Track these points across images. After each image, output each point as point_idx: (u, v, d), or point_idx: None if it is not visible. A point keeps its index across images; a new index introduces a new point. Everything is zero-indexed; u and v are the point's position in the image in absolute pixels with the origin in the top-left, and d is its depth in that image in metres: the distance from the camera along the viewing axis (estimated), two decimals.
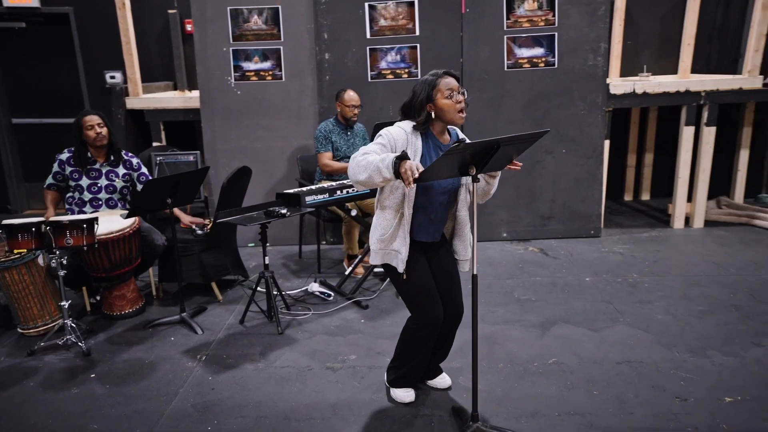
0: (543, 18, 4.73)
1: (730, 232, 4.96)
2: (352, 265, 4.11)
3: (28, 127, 6.22)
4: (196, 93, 5.20)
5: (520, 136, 2.15)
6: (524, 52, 4.76)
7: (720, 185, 5.80)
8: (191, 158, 4.81)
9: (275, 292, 3.55)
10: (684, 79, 5.07)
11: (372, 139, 4.44)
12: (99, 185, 3.77)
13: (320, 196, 3.61)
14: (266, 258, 3.49)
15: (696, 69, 5.62)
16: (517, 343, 3.17)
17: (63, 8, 5.78)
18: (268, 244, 3.42)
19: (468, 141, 2.27)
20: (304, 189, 3.74)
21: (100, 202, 3.80)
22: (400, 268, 2.45)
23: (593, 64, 4.75)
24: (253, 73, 4.85)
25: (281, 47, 4.80)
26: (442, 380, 2.80)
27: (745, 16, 5.75)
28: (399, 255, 2.44)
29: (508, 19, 4.72)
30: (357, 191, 3.75)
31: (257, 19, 4.75)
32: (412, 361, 2.62)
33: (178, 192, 3.40)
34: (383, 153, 2.30)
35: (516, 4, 4.71)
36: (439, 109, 2.35)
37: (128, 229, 3.51)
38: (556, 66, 4.75)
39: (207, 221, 3.96)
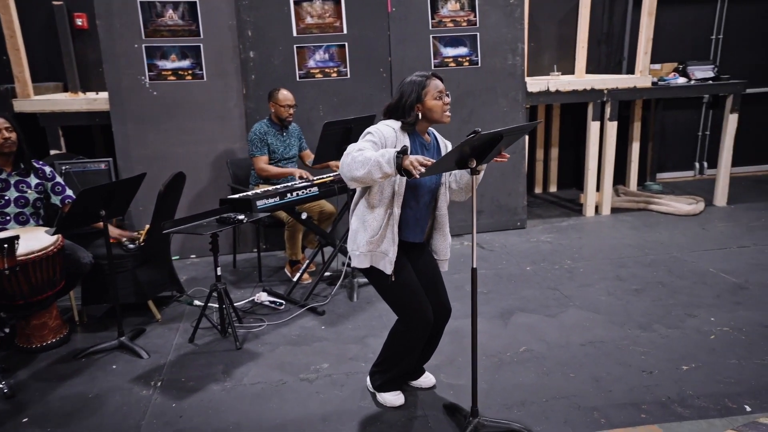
0: (465, 18, 4.87)
1: (634, 218, 5.46)
2: (300, 271, 3.95)
3: None
4: (102, 95, 4.70)
5: (519, 127, 2.25)
6: (449, 51, 4.88)
7: (615, 175, 6.37)
8: (103, 166, 4.34)
9: (225, 306, 3.31)
10: (588, 78, 5.50)
11: (306, 139, 4.36)
12: (7, 198, 3.27)
13: (271, 200, 3.42)
14: (218, 269, 3.23)
15: (589, 70, 6.12)
16: (484, 336, 3.23)
17: None
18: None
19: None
20: (250, 193, 3.53)
21: (8, 218, 3.29)
22: (388, 270, 2.39)
23: (513, 63, 4.99)
24: (170, 72, 4.48)
25: (201, 45, 4.49)
26: (427, 379, 2.78)
27: (625, 22, 6.37)
28: (386, 256, 2.38)
29: (432, 18, 4.81)
30: (307, 194, 3.61)
31: (172, 14, 4.40)
32: (400, 365, 2.56)
33: (113, 203, 3.05)
34: (373, 149, 2.25)
35: (440, 5, 4.81)
36: (427, 110, 2.35)
37: (52, 248, 3.08)
38: (479, 65, 4.92)
39: (139, 234, 3.60)
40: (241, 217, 3.04)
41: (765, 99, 6.80)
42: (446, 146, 2.54)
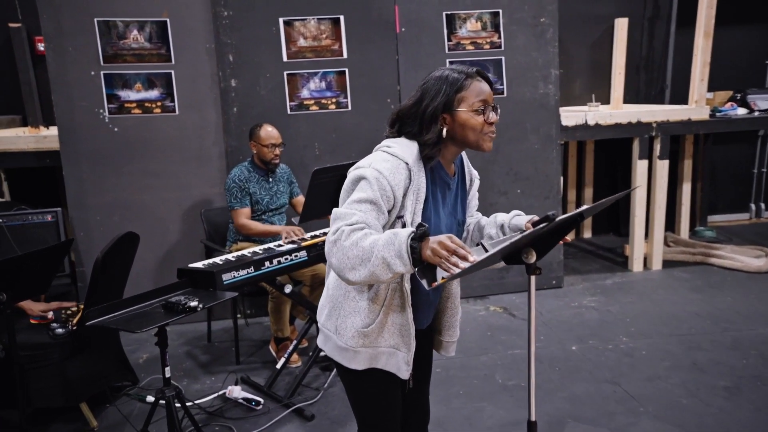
0: (488, 40, 4.11)
1: (691, 274, 4.57)
2: (287, 352, 3.09)
3: None
4: (53, 130, 3.95)
5: (605, 201, 1.47)
6: None
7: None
8: (49, 218, 3.54)
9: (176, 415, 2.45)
10: (631, 109, 4.69)
11: (298, 182, 3.54)
12: None
13: (242, 272, 2.60)
14: (167, 369, 2.38)
15: (626, 99, 5.33)
16: None
17: None
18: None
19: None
20: (218, 261, 2.71)
21: None
22: (404, 374, 1.60)
23: (545, 92, 4.20)
24: (134, 105, 3.72)
25: (172, 71, 3.74)
26: None
27: (668, 45, 5.60)
28: (398, 354, 1.58)
29: (449, 40, 4.05)
30: (292, 260, 2.78)
31: (137, 35, 3.66)
32: None
33: (21, 281, 2.23)
34: (377, 219, 1.45)
35: (458, 24, 4.05)
36: (460, 126, 1.52)
37: None
38: (505, 95, 4.14)
39: (72, 307, 2.78)
40: (194, 303, 2.20)
41: None
42: (472, 180, 1.74)
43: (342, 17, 3.88)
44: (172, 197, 3.84)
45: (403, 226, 1.49)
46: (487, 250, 1.48)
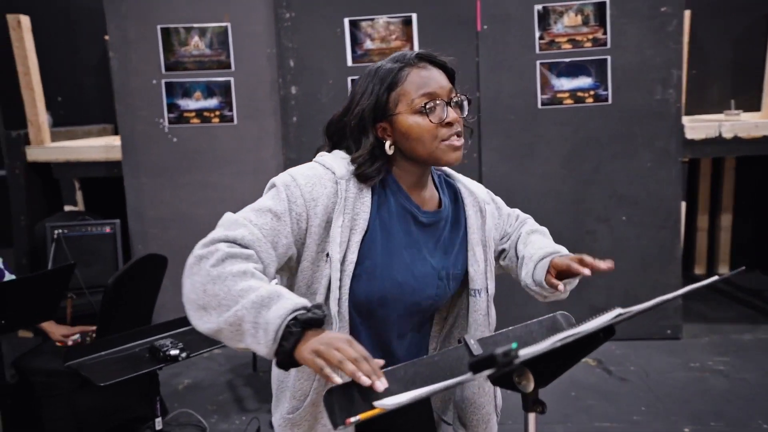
0: (590, 36, 3.42)
1: None
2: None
3: None
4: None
5: (654, 304, 0.91)
6: (565, 83, 3.45)
7: None
8: (107, 230, 3.51)
9: None
10: None
11: None
12: None
13: None
14: (158, 422, 2.07)
15: None
16: None
17: None
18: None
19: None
20: None
21: None
22: None
23: (663, 98, 3.41)
24: (193, 114, 3.57)
25: (231, 79, 3.53)
26: None
27: None
28: None
29: (541, 38, 3.43)
30: None
31: (198, 42, 3.51)
32: None
33: (21, 306, 2.06)
34: (274, 243, 1.04)
35: (552, 19, 3.42)
36: (402, 136, 1.09)
37: None
38: (609, 101, 3.43)
39: (92, 330, 2.62)
40: (176, 351, 1.86)
41: None
42: (482, 210, 1.21)
43: (414, 15, 3.44)
44: (227, 211, 3.62)
45: (343, 264, 1.06)
46: (472, 352, 0.94)
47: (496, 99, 3.46)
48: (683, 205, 3.57)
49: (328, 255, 1.06)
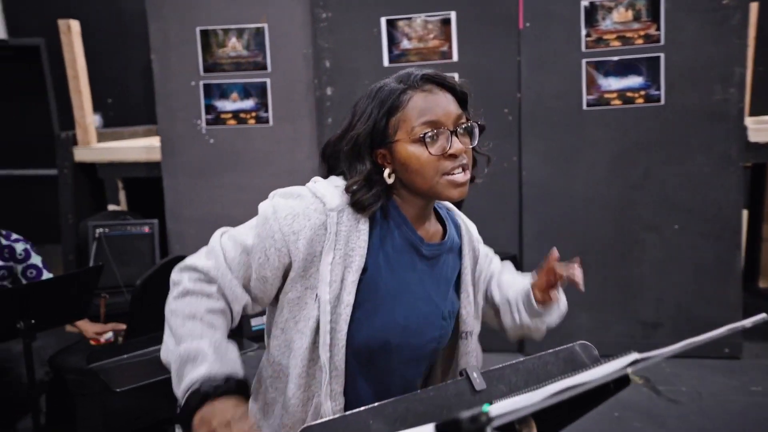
0: (642, 32, 3.21)
1: None
2: None
3: None
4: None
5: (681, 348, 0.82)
6: (613, 83, 3.25)
7: None
8: (146, 229, 3.57)
9: None
10: None
11: None
12: None
13: None
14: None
15: None
16: None
17: (33, 40, 4.82)
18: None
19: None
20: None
21: None
22: None
23: (723, 98, 3.16)
24: (230, 116, 3.58)
25: (268, 80, 3.52)
26: None
27: None
28: None
29: (587, 35, 3.25)
30: None
31: (236, 43, 3.51)
32: None
33: (35, 308, 2.08)
34: (242, 284, 1.02)
35: (600, 15, 3.23)
36: (401, 166, 1.00)
37: None
38: (662, 102, 3.21)
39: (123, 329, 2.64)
40: None
41: None
42: (474, 250, 1.13)
43: (453, 14, 3.32)
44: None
45: (337, 307, 0.99)
46: (474, 387, 0.83)
47: (538, 100, 3.30)
48: (745, 213, 3.30)
49: (313, 292, 0.99)
